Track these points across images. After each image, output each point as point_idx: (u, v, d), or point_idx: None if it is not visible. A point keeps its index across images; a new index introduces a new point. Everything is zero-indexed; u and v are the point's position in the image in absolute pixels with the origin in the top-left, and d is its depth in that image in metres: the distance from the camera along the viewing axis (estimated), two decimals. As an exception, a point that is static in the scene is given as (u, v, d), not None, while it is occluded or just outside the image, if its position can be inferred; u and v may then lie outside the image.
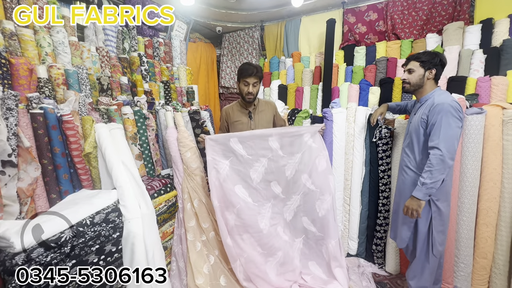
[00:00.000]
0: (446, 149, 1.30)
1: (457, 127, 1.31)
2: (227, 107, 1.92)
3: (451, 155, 1.30)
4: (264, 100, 1.94)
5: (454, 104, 1.32)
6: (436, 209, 1.44)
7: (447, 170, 1.33)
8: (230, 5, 3.01)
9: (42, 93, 1.49)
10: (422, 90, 1.49)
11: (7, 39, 1.42)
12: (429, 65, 1.43)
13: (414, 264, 1.55)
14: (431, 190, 1.34)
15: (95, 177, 1.59)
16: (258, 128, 1.81)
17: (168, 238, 1.81)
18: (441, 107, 1.33)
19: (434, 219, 1.44)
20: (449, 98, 1.36)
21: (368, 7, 2.69)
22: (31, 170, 1.28)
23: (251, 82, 1.71)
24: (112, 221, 1.30)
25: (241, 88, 1.76)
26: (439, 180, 1.32)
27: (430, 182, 1.33)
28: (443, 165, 1.30)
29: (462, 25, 2.22)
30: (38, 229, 1.06)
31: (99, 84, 1.86)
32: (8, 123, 1.20)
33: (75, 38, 1.79)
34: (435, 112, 1.35)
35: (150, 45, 2.52)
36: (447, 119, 1.31)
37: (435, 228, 1.45)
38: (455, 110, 1.31)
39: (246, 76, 1.70)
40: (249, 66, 1.71)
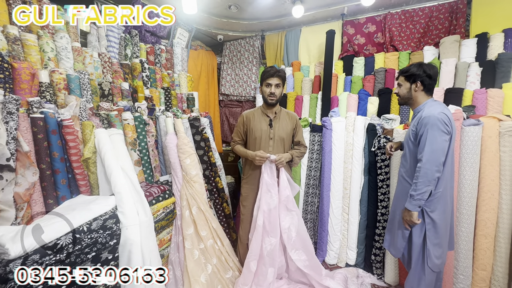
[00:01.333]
0: (430, 162, 1.32)
1: (443, 140, 1.32)
2: (248, 112, 1.87)
3: (437, 168, 1.32)
4: (287, 111, 1.90)
5: (441, 117, 1.32)
6: (430, 221, 1.42)
7: (433, 183, 1.34)
8: (232, 14, 3.06)
9: (43, 97, 1.49)
10: (414, 102, 1.51)
11: (11, 43, 1.43)
12: (414, 77, 1.46)
13: (411, 275, 1.54)
14: (419, 201, 1.37)
15: (93, 182, 1.57)
16: (277, 137, 1.78)
17: (165, 246, 1.78)
18: (427, 120, 1.34)
19: (428, 231, 1.42)
20: (437, 110, 1.35)
21: (366, 19, 2.76)
22: (29, 174, 1.26)
23: (273, 83, 1.71)
24: (109, 228, 1.28)
25: (264, 90, 1.75)
26: (425, 192, 1.35)
27: (416, 194, 1.36)
28: (427, 178, 1.33)
29: (458, 38, 2.28)
30: (37, 233, 1.04)
31: (100, 89, 1.87)
32: (8, 127, 1.19)
33: (78, 44, 1.80)
34: (422, 124, 1.36)
35: (152, 52, 2.55)
36: (433, 132, 1.32)
37: (430, 240, 1.42)
38: (441, 123, 1.32)
39: (268, 77, 1.71)
40: (271, 68, 1.73)
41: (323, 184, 2.27)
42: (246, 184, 1.90)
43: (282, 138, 1.79)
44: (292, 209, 1.78)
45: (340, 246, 2.28)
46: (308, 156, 2.35)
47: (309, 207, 2.35)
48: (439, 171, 1.33)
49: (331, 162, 2.26)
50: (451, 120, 1.36)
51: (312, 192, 2.34)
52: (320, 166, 2.32)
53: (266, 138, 1.78)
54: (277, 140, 1.79)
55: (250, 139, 1.83)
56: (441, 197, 1.41)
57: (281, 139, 1.79)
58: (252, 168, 1.84)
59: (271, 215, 1.71)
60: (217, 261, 1.81)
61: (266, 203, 1.71)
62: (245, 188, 1.90)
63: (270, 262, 1.72)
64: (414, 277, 1.51)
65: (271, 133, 1.78)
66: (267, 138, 1.78)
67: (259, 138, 1.77)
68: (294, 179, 2.36)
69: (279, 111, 1.84)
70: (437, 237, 1.42)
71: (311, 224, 2.36)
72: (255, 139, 1.79)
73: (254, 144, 1.81)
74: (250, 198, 1.87)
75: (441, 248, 1.44)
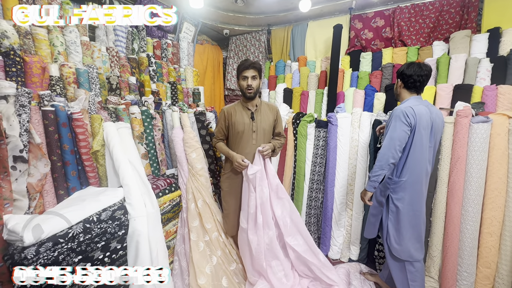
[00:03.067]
0: (387, 148, 1.47)
1: (402, 130, 1.46)
2: (228, 107, 1.83)
3: (392, 154, 1.46)
4: (266, 103, 1.90)
5: (406, 110, 1.46)
6: (393, 207, 1.56)
7: (387, 167, 1.48)
8: (238, 8, 3.04)
9: (53, 91, 1.52)
10: (400, 98, 1.66)
11: (22, 37, 1.46)
12: (397, 75, 1.63)
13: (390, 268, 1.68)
14: (374, 183, 1.54)
15: (102, 174, 1.61)
16: (260, 129, 1.78)
17: (171, 238, 1.82)
18: (393, 112, 1.51)
19: (391, 215, 1.58)
20: (405, 105, 1.50)
21: (375, 14, 2.71)
22: (41, 166, 1.31)
23: (250, 75, 1.67)
24: (118, 219, 1.32)
25: (241, 84, 1.72)
26: (379, 175, 1.51)
27: (372, 176, 1.53)
28: (382, 162, 1.48)
29: (469, 33, 2.23)
30: (50, 222, 1.08)
31: (108, 83, 1.90)
32: (20, 120, 1.23)
33: (87, 38, 1.83)
34: (391, 116, 1.53)
35: (158, 46, 2.56)
36: (395, 122, 1.48)
37: (391, 222, 1.58)
38: (403, 115, 1.45)
39: (243, 70, 1.68)
40: (245, 60, 1.70)
41: (328, 180, 2.27)
42: (228, 179, 1.85)
43: (265, 130, 1.79)
44: (282, 196, 1.79)
45: (343, 241, 2.29)
46: (313, 151, 2.35)
47: (313, 202, 2.36)
48: (394, 158, 1.47)
49: (336, 158, 2.26)
50: (416, 114, 1.46)
51: (316, 188, 2.35)
52: (325, 162, 2.32)
53: (249, 131, 1.75)
54: (260, 133, 1.77)
55: (233, 133, 1.79)
56: (407, 187, 1.52)
57: (263, 131, 1.78)
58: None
59: (264, 207, 1.72)
60: (221, 253, 1.85)
61: (259, 198, 1.71)
62: (227, 183, 1.86)
63: (272, 255, 1.75)
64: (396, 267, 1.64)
65: (254, 126, 1.76)
66: (249, 131, 1.76)
67: (241, 132, 1.75)
68: (299, 174, 2.37)
69: (259, 103, 1.81)
70: (398, 222, 1.56)
71: (315, 219, 2.38)
72: (237, 133, 1.76)
73: (237, 138, 1.78)
74: (233, 193, 1.84)
75: (401, 235, 1.56)
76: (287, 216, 1.79)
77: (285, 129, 2.46)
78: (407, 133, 1.46)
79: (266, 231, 1.72)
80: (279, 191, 1.79)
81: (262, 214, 1.71)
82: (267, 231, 1.72)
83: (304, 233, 1.82)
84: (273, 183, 1.77)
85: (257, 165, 1.70)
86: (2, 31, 1.36)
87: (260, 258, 1.70)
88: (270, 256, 1.74)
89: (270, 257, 1.74)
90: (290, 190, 2.45)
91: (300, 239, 1.80)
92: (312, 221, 2.38)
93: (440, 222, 1.86)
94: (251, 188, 1.70)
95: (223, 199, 1.91)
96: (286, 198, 1.81)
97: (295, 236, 1.80)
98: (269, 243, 1.73)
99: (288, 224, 1.79)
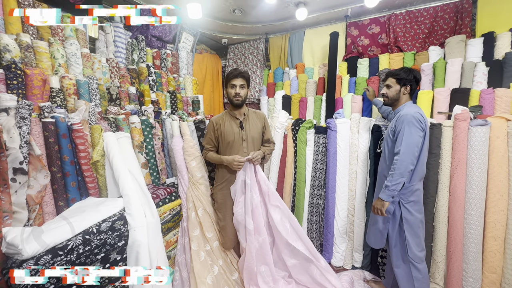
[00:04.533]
0: (406, 155, 1.45)
1: (417, 135, 1.46)
2: (216, 117, 1.83)
3: (411, 161, 1.45)
4: (254, 110, 1.92)
5: (417, 115, 1.48)
6: (406, 211, 1.54)
7: (406, 175, 1.46)
8: (236, 18, 3.10)
9: (54, 102, 1.54)
10: (397, 103, 1.67)
11: (23, 51, 1.48)
12: (405, 81, 1.61)
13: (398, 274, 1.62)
14: (393, 192, 1.48)
15: (102, 185, 1.61)
16: (249, 138, 1.79)
17: (172, 248, 1.80)
18: (404, 118, 1.49)
19: (405, 222, 1.54)
20: (413, 110, 1.51)
21: (370, 21, 2.76)
22: (40, 177, 1.30)
23: (238, 83, 1.71)
24: (117, 229, 1.31)
25: (229, 92, 1.74)
26: (399, 183, 1.46)
27: (391, 184, 1.47)
28: (402, 170, 1.45)
29: (464, 38, 2.26)
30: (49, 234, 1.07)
31: (108, 94, 1.91)
32: (21, 132, 1.24)
33: (87, 50, 1.85)
34: (400, 122, 1.51)
35: (158, 56, 2.60)
36: (409, 128, 1.47)
37: (407, 231, 1.54)
38: (416, 121, 1.47)
39: (232, 78, 1.72)
40: (234, 69, 1.73)
41: (328, 186, 2.26)
42: (221, 191, 1.84)
43: (254, 138, 1.81)
44: (276, 203, 1.79)
45: (346, 248, 2.27)
46: (313, 157, 2.35)
47: (315, 208, 2.35)
48: (413, 164, 1.46)
49: (336, 164, 2.25)
50: (425, 119, 1.52)
51: (317, 194, 2.34)
52: (325, 167, 2.32)
53: (239, 140, 1.77)
54: (250, 141, 1.80)
55: (223, 144, 1.80)
56: (416, 191, 1.55)
57: (253, 139, 1.80)
58: (227, 173, 1.81)
59: (255, 213, 1.72)
60: (223, 262, 1.82)
61: (250, 204, 1.72)
62: (220, 194, 1.84)
63: (261, 260, 1.73)
64: (403, 276, 1.59)
65: (243, 134, 1.78)
66: (239, 140, 1.77)
67: (231, 141, 1.76)
68: (299, 180, 2.36)
69: (247, 112, 1.84)
70: (416, 229, 1.55)
71: (317, 226, 2.36)
72: (228, 143, 1.77)
73: (227, 148, 1.78)
74: (228, 204, 1.83)
75: (419, 238, 1.56)
76: (286, 221, 1.79)
77: (284, 135, 2.47)
78: (422, 138, 1.48)
79: (256, 237, 1.72)
80: (271, 198, 1.79)
81: (253, 220, 1.72)
82: (257, 237, 1.72)
83: (305, 239, 1.81)
84: (264, 189, 1.77)
85: (245, 175, 1.74)
86: (4, 45, 1.39)
87: (251, 263, 1.70)
88: (259, 261, 1.74)
89: (260, 262, 1.74)
90: (291, 196, 2.44)
91: (301, 245, 1.79)
92: (314, 227, 2.35)
93: (443, 227, 1.84)
94: (239, 195, 1.74)
95: (218, 211, 1.87)
96: (282, 205, 1.81)
97: (296, 242, 1.79)
98: (259, 248, 1.72)
99: (289, 229, 1.78)
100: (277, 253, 1.85)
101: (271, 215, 1.76)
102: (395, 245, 1.60)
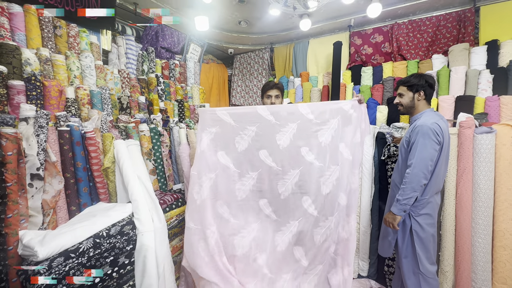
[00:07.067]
0: (418, 168, 1.38)
1: (432, 148, 1.38)
2: None
3: (424, 175, 1.38)
4: None
5: (434, 127, 1.39)
6: (417, 225, 1.48)
7: (419, 189, 1.39)
8: (242, 29, 3.20)
9: (69, 111, 1.62)
10: (414, 110, 1.58)
11: (42, 64, 1.58)
12: (417, 87, 1.53)
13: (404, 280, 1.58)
14: (404, 206, 1.42)
15: (112, 190, 1.67)
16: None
17: (178, 253, 1.83)
18: (420, 128, 1.41)
19: (415, 235, 1.48)
20: (431, 121, 1.42)
21: (373, 30, 2.81)
22: (55, 183, 1.37)
23: (273, 94, 1.85)
24: (126, 234, 1.36)
25: (265, 101, 1.88)
26: (411, 197, 1.40)
27: (402, 198, 1.42)
28: (414, 184, 1.38)
29: (467, 46, 2.28)
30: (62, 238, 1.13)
31: (119, 103, 2.00)
32: (38, 139, 1.31)
33: (100, 62, 1.96)
34: (415, 132, 1.43)
35: (166, 67, 2.70)
36: (424, 140, 1.39)
37: (418, 245, 1.48)
38: (433, 133, 1.38)
39: (268, 90, 1.86)
40: (269, 81, 1.87)
41: (333, 193, 2.26)
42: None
43: None
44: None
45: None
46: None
47: (319, 216, 2.34)
48: (426, 178, 1.39)
49: (340, 171, 2.26)
50: (443, 131, 1.42)
51: (322, 201, 2.34)
52: (330, 175, 2.32)
53: None
54: None
55: None
56: (428, 204, 1.48)
57: None
58: None
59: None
60: (227, 268, 1.83)
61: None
62: None
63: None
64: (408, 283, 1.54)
65: None
66: None
67: None
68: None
69: None
70: (427, 242, 1.49)
71: (322, 234, 2.35)
72: None
73: None
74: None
75: (429, 253, 1.50)
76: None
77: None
78: (437, 152, 1.40)
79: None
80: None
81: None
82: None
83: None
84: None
85: None
86: (26, 58, 1.49)
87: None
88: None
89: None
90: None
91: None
92: (319, 235, 2.34)
93: (450, 236, 1.81)
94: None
95: None
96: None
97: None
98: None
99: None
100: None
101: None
102: (406, 256, 1.54)
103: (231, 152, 1.59)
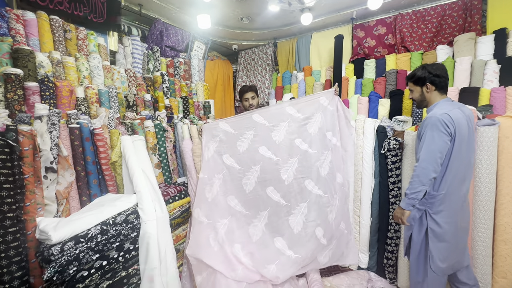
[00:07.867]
0: (426, 162, 1.33)
1: (442, 141, 1.32)
2: None
3: (433, 168, 1.33)
4: None
5: (443, 117, 1.33)
6: (433, 222, 1.40)
7: (428, 183, 1.34)
8: (244, 25, 3.24)
9: (79, 110, 1.75)
10: (427, 103, 1.52)
11: (54, 66, 1.71)
12: (423, 80, 1.47)
13: (411, 275, 1.54)
14: (413, 201, 1.38)
15: (119, 183, 1.79)
16: None
17: (181, 241, 1.94)
18: (428, 120, 1.36)
19: (430, 232, 1.41)
20: (441, 111, 1.36)
21: (376, 22, 2.76)
22: (67, 175, 1.50)
23: (249, 96, 2.18)
24: (131, 222, 1.47)
25: (244, 105, 2.15)
26: (419, 191, 1.35)
27: (410, 193, 1.37)
28: (422, 177, 1.33)
29: (473, 36, 2.21)
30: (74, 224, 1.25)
31: (126, 101, 2.12)
32: (51, 136, 1.44)
33: (108, 63, 2.07)
34: (424, 125, 1.39)
35: (171, 65, 2.79)
36: (432, 132, 1.34)
37: (432, 242, 1.41)
38: (441, 124, 1.32)
39: (244, 93, 2.19)
40: (244, 86, 2.19)
41: (333, 187, 2.29)
42: None
43: None
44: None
45: (352, 249, 2.27)
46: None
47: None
48: (436, 172, 1.33)
49: (340, 165, 2.28)
50: (454, 121, 1.33)
51: (322, 194, 2.38)
52: (330, 168, 2.35)
53: None
54: None
55: None
56: (446, 200, 1.38)
57: None
58: None
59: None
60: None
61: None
62: None
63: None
64: (414, 278, 1.51)
65: None
66: None
67: None
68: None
69: None
70: (442, 239, 1.40)
71: (322, 226, 2.39)
72: None
73: None
74: None
75: (447, 251, 1.41)
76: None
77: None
78: (447, 144, 1.33)
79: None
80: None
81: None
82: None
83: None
84: None
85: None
86: (39, 61, 1.62)
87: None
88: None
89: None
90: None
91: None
92: (319, 228, 2.39)
93: (449, 229, 1.80)
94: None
95: None
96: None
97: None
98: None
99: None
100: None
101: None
102: (420, 252, 1.47)
103: (234, 154, 1.83)
